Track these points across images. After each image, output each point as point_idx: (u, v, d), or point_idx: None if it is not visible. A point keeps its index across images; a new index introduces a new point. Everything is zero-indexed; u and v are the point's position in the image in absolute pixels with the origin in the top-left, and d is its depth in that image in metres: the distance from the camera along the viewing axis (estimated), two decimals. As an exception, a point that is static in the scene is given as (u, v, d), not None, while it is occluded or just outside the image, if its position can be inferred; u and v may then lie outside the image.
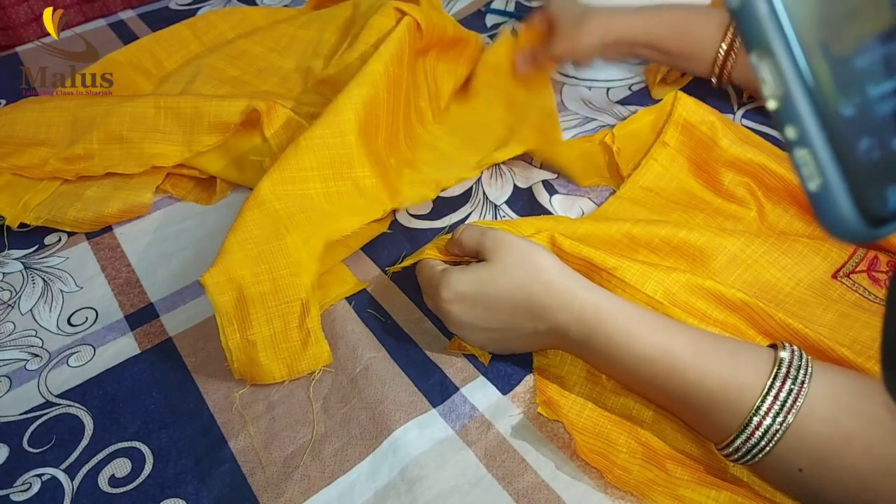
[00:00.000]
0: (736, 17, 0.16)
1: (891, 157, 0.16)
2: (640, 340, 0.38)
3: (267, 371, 0.45)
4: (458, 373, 0.45)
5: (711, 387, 0.36)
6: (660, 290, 0.43)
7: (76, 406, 0.46)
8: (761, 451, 0.34)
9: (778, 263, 0.49)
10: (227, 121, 0.60)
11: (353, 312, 0.50)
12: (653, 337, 0.38)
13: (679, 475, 0.39)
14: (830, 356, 0.41)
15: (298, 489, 0.40)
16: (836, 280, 0.48)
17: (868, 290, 0.48)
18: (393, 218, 0.58)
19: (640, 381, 0.39)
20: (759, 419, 0.34)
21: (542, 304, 0.40)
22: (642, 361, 0.38)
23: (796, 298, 0.47)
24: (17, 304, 0.53)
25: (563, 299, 0.40)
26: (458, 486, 0.40)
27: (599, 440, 0.41)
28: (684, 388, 0.37)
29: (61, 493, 0.41)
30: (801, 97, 0.16)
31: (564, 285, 0.40)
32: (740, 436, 0.35)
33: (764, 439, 0.34)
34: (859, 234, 0.16)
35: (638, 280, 0.43)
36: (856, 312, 0.46)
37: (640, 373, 0.38)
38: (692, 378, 0.36)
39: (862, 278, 0.48)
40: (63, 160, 0.61)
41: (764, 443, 0.34)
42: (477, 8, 0.87)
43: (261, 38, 0.77)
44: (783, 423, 0.34)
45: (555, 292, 0.40)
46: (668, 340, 0.37)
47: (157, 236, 0.58)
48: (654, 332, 0.38)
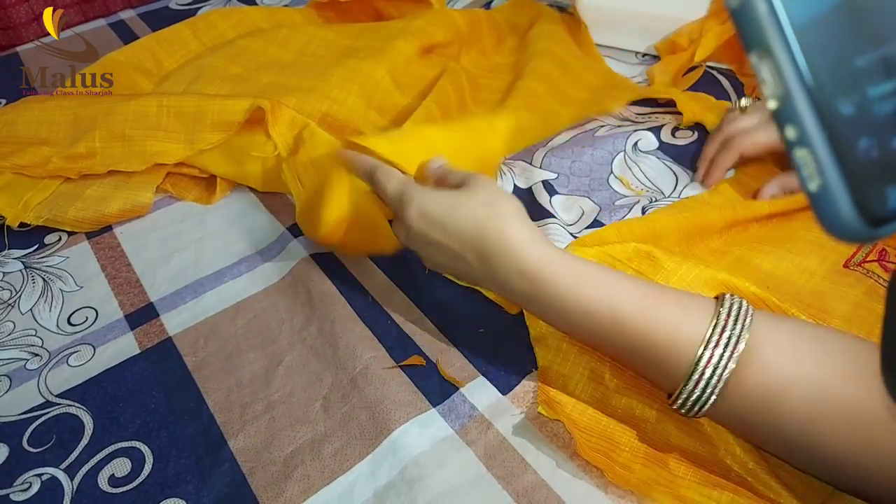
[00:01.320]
0: (736, 17, 0.16)
1: (890, 157, 0.16)
2: (584, 294, 0.37)
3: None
4: (458, 372, 0.45)
5: (657, 340, 0.36)
6: (673, 277, 0.44)
7: (76, 406, 0.46)
8: (706, 402, 0.35)
9: (786, 258, 0.49)
10: (230, 119, 0.60)
11: (353, 312, 0.50)
12: (598, 291, 0.37)
13: (682, 474, 0.39)
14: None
15: (298, 489, 0.40)
16: (849, 269, 0.48)
17: (882, 276, 0.47)
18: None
19: (586, 334, 0.39)
20: (699, 371, 0.34)
21: (489, 247, 0.40)
22: (587, 314, 0.37)
23: (811, 290, 0.47)
24: (17, 304, 0.53)
25: (511, 248, 0.39)
26: (458, 485, 0.40)
27: (601, 439, 0.41)
28: (630, 341, 0.37)
29: (61, 493, 0.41)
30: (800, 97, 0.16)
31: (517, 235, 0.39)
32: (685, 388, 0.35)
33: (707, 390, 0.34)
34: (859, 234, 0.16)
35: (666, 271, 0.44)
36: (871, 303, 0.46)
37: (586, 325, 0.38)
38: (637, 331, 0.36)
39: (874, 266, 0.48)
40: (65, 159, 0.61)
41: (707, 394, 0.34)
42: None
43: (261, 34, 0.77)
44: (723, 373, 0.34)
45: (504, 239, 0.39)
46: (613, 294, 0.37)
47: (157, 236, 0.58)
48: (600, 286, 0.37)
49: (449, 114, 0.64)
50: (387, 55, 0.69)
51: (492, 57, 0.78)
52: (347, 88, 0.65)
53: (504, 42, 0.80)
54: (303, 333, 0.49)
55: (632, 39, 0.76)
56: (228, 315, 0.51)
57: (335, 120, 0.64)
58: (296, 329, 0.50)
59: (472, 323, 0.49)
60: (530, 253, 0.39)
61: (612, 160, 0.62)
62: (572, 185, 0.60)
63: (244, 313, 0.51)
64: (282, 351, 0.48)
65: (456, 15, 0.75)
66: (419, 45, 0.71)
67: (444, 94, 0.64)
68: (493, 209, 0.40)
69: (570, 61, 0.72)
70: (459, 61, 0.73)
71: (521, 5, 0.83)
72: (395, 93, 0.68)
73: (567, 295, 0.38)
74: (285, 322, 0.50)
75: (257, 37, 0.77)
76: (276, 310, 0.51)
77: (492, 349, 0.47)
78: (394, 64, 0.69)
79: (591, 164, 0.62)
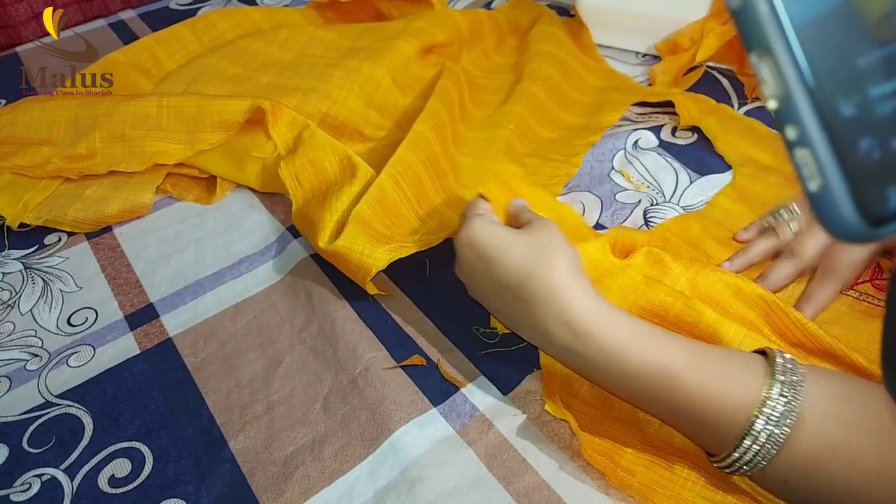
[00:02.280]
0: (736, 17, 0.16)
1: (891, 157, 0.16)
2: (635, 354, 0.36)
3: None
4: (459, 372, 0.45)
5: (709, 402, 0.35)
6: (682, 279, 0.44)
7: (76, 406, 0.46)
8: (755, 466, 0.34)
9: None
10: (230, 119, 0.60)
11: (353, 312, 0.50)
12: (650, 352, 0.36)
13: (685, 476, 0.39)
14: (845, 362, 0.41)
15: (298, 489, 0.40)
16: (843, 294, 0.48)
17: (875, 297, 0.47)
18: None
19: (631, 393, 0.38)
20: (752, 437, 0.33)
21: (534, 292, 0.38)
22: (636, 375, 0.36)
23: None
24: (17, 304, 0.53)
25: (559, 298, 0.38)
26: (459, 486, 0.39)
27: (605, 440, 0.41)
28: (680, 402, 0.35)
29: (61, 494, 0.41)
30: (801, 97, 0.16)
31: (567, 285, 0.38)
32: (735, 452, 0.34)
33: (758, 456, 0.33)
34: (860, 234, 0.16)
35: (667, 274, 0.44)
36: (863, 324, 0.45)
37: (633, 385, 0.37)
38: (690, 393, 0.35)
39: (867, 288, 0.48)
40: (66, 159, 0.61)
41: (758, 459, 0.33)
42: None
43: (261, 34, 0.77)
44: (778, 439, 0.33)
45: (552, 287, 0.38)
46: (665, 355, 0.36)
47: (157, 236, 0.58)
48: (653, 347, 0.36)
49: (453, 115, 0.64)
50: (387, 55, 0.68)
51: (493, 57, 0.78)
52: (348, 89, 0.65)
53: (505, 42, 0.80)
54: (303, 334, 0.49)
55: (632, 40, 0.76)
56: (228, 315, 0.51)
57: (335, 120, 0.64)
58: (296, 329, 0.50)
59: (473, 323, 0.49)
60: (579, 305, 0.38)
61: (613, 157, 0.62)
62: (572, 183, 0.60)
63: (244, 314, 0.51)
64: (282, 351, 0.48)
65: (457, 15, 0.75)
66: (420, 46, 0.71)
67: (447, 93, 0.64)
68: (546, 255, 0.39)
69: (570, 63, 0.72)
70: (460, 61, 0.73)
71: (521, 6, 0.83)
72: (396, 93, 0.68)
73: (617, 354, 0.37)
74: (285, 322, 0.50)
75: (257, 37, 0.77)
76: (276, 310, 0.51)
77: (493, 349, 0.47)
78: (394, 64, 0.69)
79: (591, 161, 0.62)
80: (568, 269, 0.39)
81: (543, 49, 0.72)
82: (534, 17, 0.80)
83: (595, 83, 0.71)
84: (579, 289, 0.38)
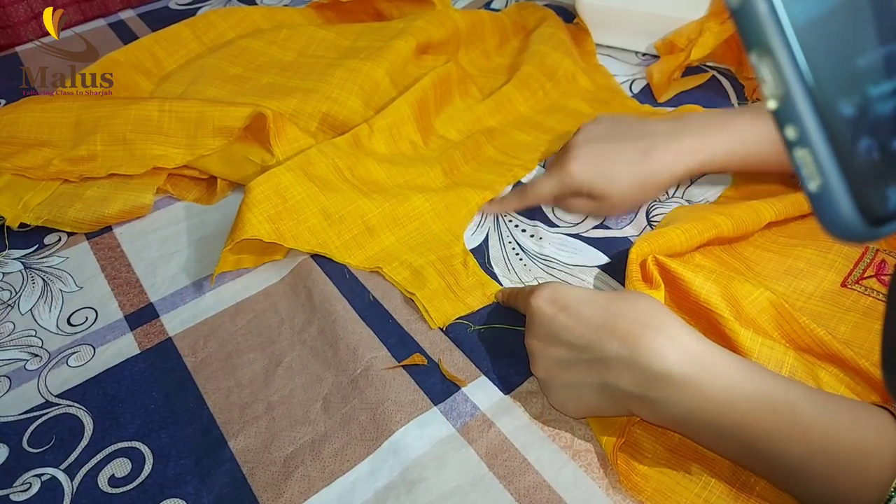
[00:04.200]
0: (736, 16, 0.16)
1: (891, 157, 0.16)
2: (747, 392, 0.33)
3: (452, 311, 0.50)
4: (460, 372, 0.45)
5: (836, 450, 0.32)
6: (695, 281, 0.44)
7: (76, 406, 0.46)
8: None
9: (784, 280, 0.49)
10: (231, 125, 0.60)
11: (353, 312, 0.50)
12: (764, 388, 0.33)
13: (704, 481, 0.38)
14: (851, 366, 0.41)
15: (298, 490, 0.40)
16: (847, 288, 0.48)
17: (880, 292, 0.47)
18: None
19: (737, 442, 0.34)
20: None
21: (628, 329, 0.36)
22: (751, 414, 0.33)
23: (809, 312, 0.47)
24: (17, 304, 0.53)
25: (662, 334, 0.36)
26: (459, 486, 0.39)
27: (627, 443, 0.40)
28: (804, 448, 0.32)
29: (61, 493, 0.41)
30: (801, 97, 0.16)
31: (669, 325, 0.36)
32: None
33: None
34: (859, 234, 0.16)
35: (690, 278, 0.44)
36: (869, 322, 0.45)
37: (744, 430, 0.33)
38: (813, 437, 0.32)
39: (872, 283, 0.48)
40: (67, 161, 0.61)
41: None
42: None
43: (261, 34, 0.77)
44: None
45: (654, 321, 0.36)
46: (785, 392, 0.33)
47: (157, 236, 0.58)
48: (763, 383, 0.34)
49: (426, 111, 0.65)
50: (387, 56, 0.68)
51: (493, 58, 0.78)
52: (348, 89, 0.65)
53: (507, 43, 0.80)
54: (303, 334, 0.49)
55: (632, 39, 0.76)
56: (228, 315, 0.51)
57: (335, 120, 0.64)
58: (296, 329, 0.50)
59: (474, 322, 0.49)
60: (687, 343, 0.35)
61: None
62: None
63: (244, 314, 0.51)
64: (282, 351, 0.48)
65: (457, 15, 0.75)
66: (418, 45, 0.71)
67: (421, 90, 0.65)
68: (656, 316, 0.37)
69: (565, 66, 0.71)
70: (458, 61, 0.73)
71: (526, 8, 0.82)
72: (394, 93, 0.68)
73: (726, 390, 0.34)
74: (285, 322, 0.50)
75: (257, 37, 0.77)
76: (275, 310, 0.51)
77: (494, 348, 0.47)
78: (393, 64, 0.69)
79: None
80: (657, 305, 0.38)
81: (541, 49, 0.72)
82: (538, 19, 0.80)
83: (587, 87, 0.71)
84: (678, 324, 0.36)
